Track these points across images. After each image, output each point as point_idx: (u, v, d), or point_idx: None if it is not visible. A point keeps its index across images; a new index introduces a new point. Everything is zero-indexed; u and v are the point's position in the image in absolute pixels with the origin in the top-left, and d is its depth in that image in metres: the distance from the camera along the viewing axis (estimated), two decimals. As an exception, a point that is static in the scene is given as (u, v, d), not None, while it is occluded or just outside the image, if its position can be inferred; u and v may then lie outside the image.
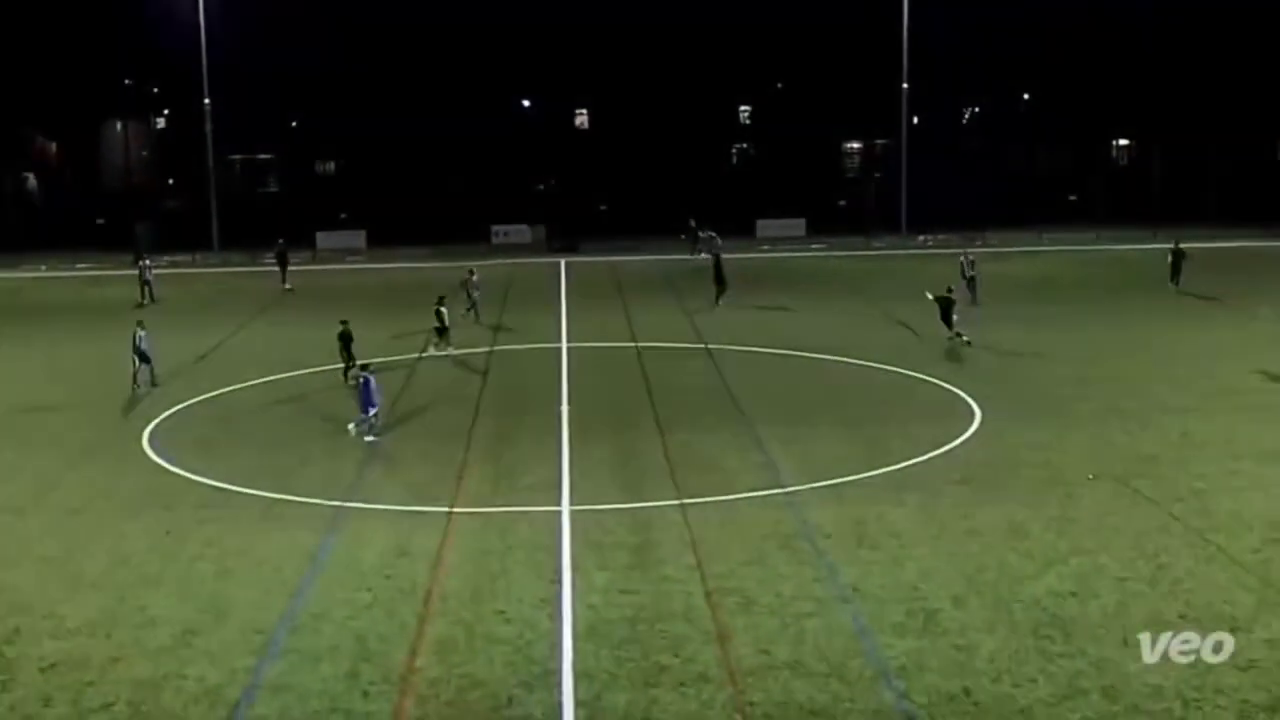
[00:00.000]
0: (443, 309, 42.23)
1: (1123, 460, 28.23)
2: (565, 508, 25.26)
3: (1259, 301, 48.89)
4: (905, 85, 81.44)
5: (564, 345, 43.77)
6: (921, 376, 37.18)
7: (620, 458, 29.10)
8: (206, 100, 79.11)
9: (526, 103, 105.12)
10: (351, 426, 31.24)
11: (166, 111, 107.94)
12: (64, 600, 20.89)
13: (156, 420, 33.46)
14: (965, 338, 41.66)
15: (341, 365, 37.25)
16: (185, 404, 35.53)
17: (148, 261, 58.62)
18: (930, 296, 42.74)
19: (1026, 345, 42.17)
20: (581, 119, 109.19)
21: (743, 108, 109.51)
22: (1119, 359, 39.91)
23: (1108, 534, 23.26)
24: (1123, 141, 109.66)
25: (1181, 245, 53.72)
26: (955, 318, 42.03)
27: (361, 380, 31.51)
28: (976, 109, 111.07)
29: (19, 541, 24.15)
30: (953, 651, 18.31)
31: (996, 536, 23.18)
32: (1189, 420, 31.82)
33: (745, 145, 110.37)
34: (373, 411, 31.12)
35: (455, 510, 25.24)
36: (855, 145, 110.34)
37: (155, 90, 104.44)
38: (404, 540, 23.41)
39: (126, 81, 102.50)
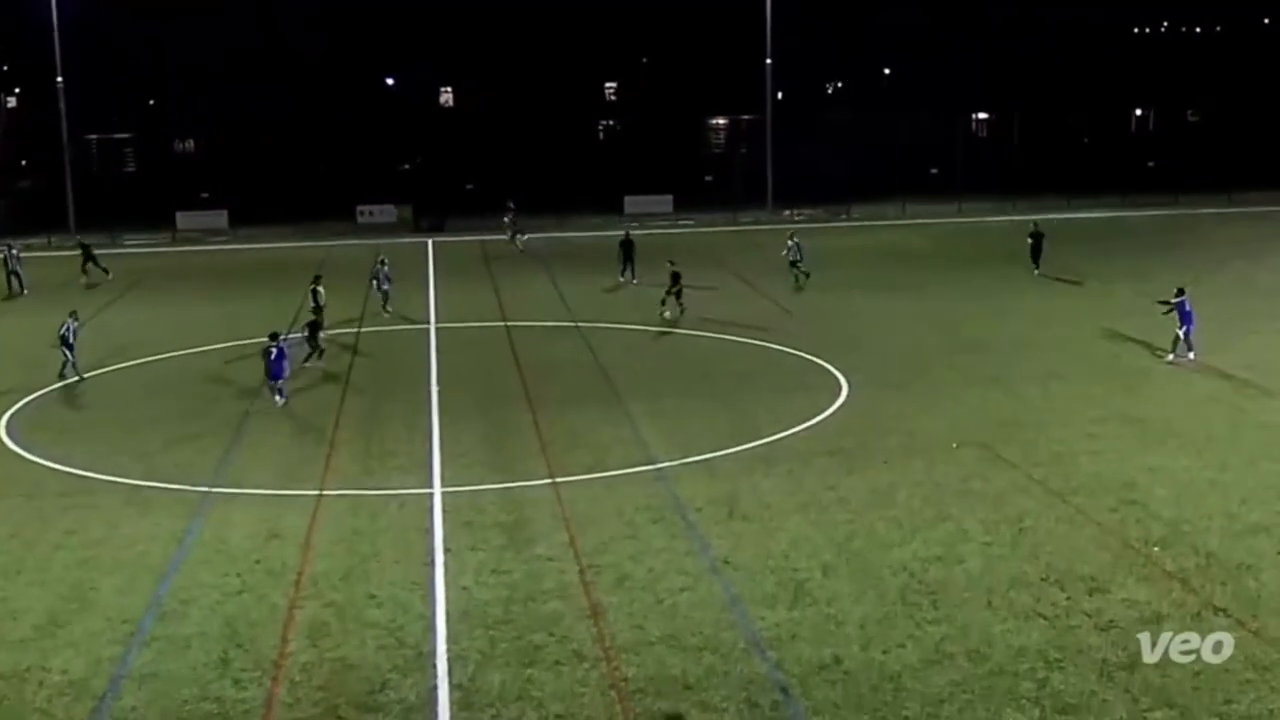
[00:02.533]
0: (319, 289, 41.69)
1: (985, 426, 28.85)
2: (436, 488, 25.16)
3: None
4: (769, 61, 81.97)
5: (433, 325, 43.46)
6: (788, 350, 37.56)
7: (492, 437, 29.01)
8: (59, 79, 76.96)
9: (390, 80, 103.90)
10: (277, 399, 31.96)
11: (18, 90, 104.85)
12: (-81, 594, 20.30)
13: (14, 408, 32.58)
14: (666, 313, 42.67)
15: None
16: (44, 391, 34.63)
17: (15, 250, 55.83)
18: (667, 315, 42.82)
19: (889, 316, 42.89)
20: (446, 97, 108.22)
21: (608, 84, 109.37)
22: (980, 328, 40.71)
23: (971, 499, 23.78)
24: (982, 115, 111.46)
25: (1040, 226, 53.52)
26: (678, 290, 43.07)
27: (275, 351, 32.18)
28: (839, 84, 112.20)
29: None
30: (823, 620, 18.60)
31: (864, 505, 23.57)
32: (1049, 386, 32.62)
33: (611, 122, 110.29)
34: (280, 381, 32.09)
35: (325, 492, 24.98)
36: (721, 121, 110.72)
37: (5, 68, 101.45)
38: (273, 523, 23.13)
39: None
